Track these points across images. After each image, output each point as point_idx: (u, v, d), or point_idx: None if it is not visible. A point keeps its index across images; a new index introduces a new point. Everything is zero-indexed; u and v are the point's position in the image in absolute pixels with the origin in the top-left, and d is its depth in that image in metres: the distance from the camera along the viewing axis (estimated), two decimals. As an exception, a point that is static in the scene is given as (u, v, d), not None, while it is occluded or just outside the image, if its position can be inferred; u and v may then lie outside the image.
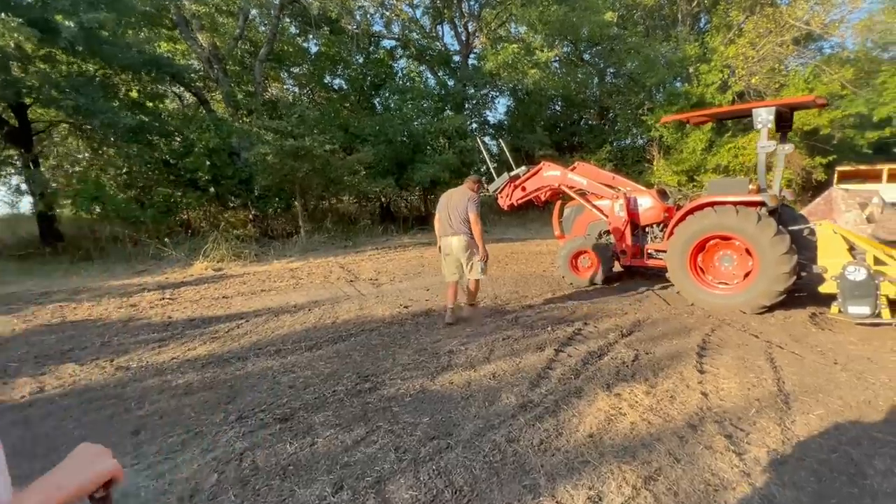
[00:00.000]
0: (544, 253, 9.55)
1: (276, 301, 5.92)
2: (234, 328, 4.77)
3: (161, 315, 5.37)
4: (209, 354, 4.00)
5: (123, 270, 8.83)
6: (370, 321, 4.88)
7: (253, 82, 13.02)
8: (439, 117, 14.68)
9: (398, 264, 8.59)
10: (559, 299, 5.64)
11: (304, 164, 9.90)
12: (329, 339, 4.31)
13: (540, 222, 16.05)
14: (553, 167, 6.74)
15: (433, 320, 4.88)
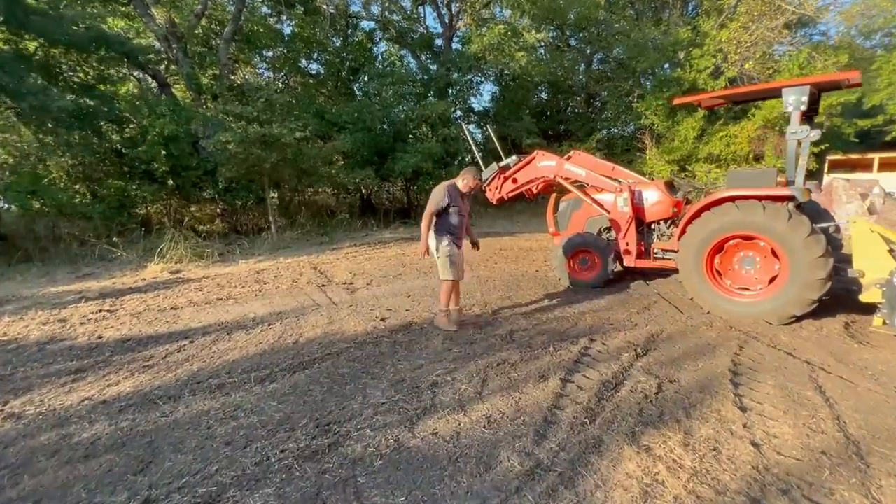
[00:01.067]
0: (535, 249, 8.90)
1: (232, 313, 5.12)
2: (175, 352, 3.97)
3: (90, 334, 4.52)
4: (133, 392, 3.21)
5: (67, 274, 7.84)
6: (340, 340, 4.14)
7: (217, 64, 11.92)
8: (421, 103, 13.82)
9: (377, 264, 7.83)
10: (557, 306, 4.98)
11: (273, 154, 8.98)
12: (287, 366, 3.55)
13: (528, 214, 15.44)
14: (547, 156, 6.04)
15: (414, 337, 4.16)
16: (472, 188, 4.28)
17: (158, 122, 8.72)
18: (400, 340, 4.08)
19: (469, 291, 5.69)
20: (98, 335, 4.49)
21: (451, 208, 4.17)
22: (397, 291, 5.84)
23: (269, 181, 10.04)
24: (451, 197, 4.15)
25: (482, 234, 11.48)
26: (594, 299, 5.23)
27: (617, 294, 5.43)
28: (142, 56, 11.11)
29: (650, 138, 15.33)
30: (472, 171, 4.30)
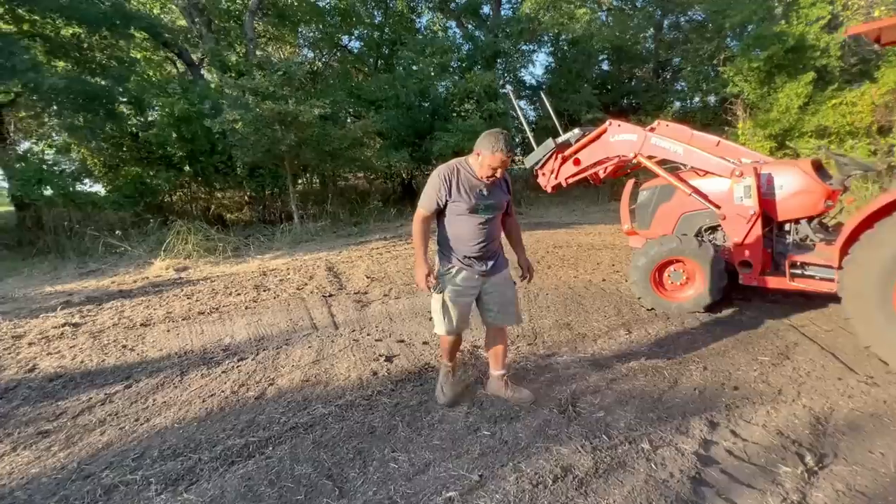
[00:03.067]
0: (599, 247, 7.20)
1: (205, 336, 4.02)
2: (97, 405, 2.88)
3: (24, 363, 3.57)
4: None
5: (74, 269, 7.25)
6: (320, 396, 2.86)
7: (244, 39, 11.01)
8: (466, 76, 12.22)
9: (402, 265, 6.53)
10: (642, 346, 3.41)
11: (290, 135, 7.87)
12: (221, 454, 2.31)
13: (586, 200, 13.55)
14: (626, 128, 4.36)
15: (427, 396, 2.80)
16: (495, 168, 2.30)
17: (168, 102, 7.87)
18: (405, 402, 2.73)
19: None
20: (31, 366, 3.52)
21: (452, 206, 2.39)
22: (418, 309, 4.49)
23: (289, 166, 9.00)
24: (451, 186, 2.35)
25: (531, 225, 9.87)
26: (697, 335, 3.60)
27: (730, 326, 3.75)
28: (167, 33, 10.38)
29: (742, 109, 12.74)
30: (494, 136, 2.30)
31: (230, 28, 11.38)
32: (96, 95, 7.92)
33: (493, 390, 2.76)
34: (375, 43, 15.48)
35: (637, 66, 17.97)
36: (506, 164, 2.33)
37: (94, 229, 8.12)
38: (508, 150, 2.30)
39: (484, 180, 2.37)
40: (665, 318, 3.96)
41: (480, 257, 2.48)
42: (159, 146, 8.52)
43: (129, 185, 8.61)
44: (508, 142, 2.31)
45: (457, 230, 2.44)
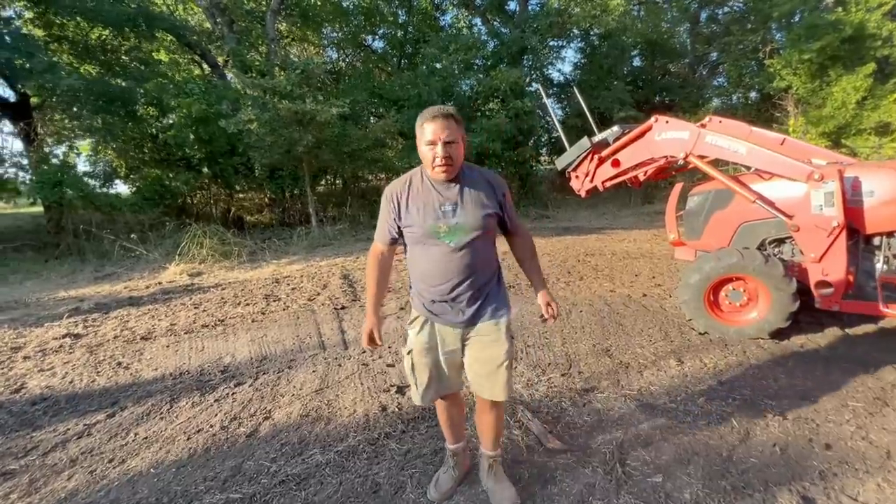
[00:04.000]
0: (636, 255, 6.60)
1: (206, 354, 3.70)
2: (73, 439, 2.57)
3: (12, 381, 3.32)
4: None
5: (90, 273, 7.16)
6: (316, 439, 2.46)
7: (265, 39, 10.85)
8: (491, 74, 11.73)
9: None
10: (698, 383, 2.87)
11: (308, 135, 7.59)
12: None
13: (617, 203, 12.85)
14: (676, 124, 3.81)
15: (441, 439, 2.37)
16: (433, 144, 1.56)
17: (184, 102, 7.71)
18: (416, 450, 2.30)
19: (547, 332, 3.75)
20: (20, 384, 3.27)
21: (407, 233, 1.70)
22: (437, 326, 4.05)
23: (308, 167, 8.74)
24: (400, 205, 1.68)
25: (560, 230, 9.32)
26: (765, 369, 3.03)
27: (805, 360, 3.16)
28: (190, 34, 10.32)
29: (793, 104, 11.78)
30: (433, 112, 1.59)
31: (252, 28, 11.27)
32: (116, 97, 7.87)
33: (481, 473, 2.04)
34: (399, 42, 15.19)
35: (672, 61, 17.04)
36: (445, 133, 1.54)
37: (113, 232, 8.05)
38: (441, 116, 1.55)
39: (437, 177, 1.61)
40: (722, 344, 3.40)
41: (454, 301, 1.69)
42: (178, 147, 8.42)
43: (149, 187, 8.54)
44: (444, 109, 1.59)
45: (417, 265, 1.72)
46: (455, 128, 1.58)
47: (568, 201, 13.21)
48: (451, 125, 1.57)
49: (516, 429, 2.43)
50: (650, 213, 11.12)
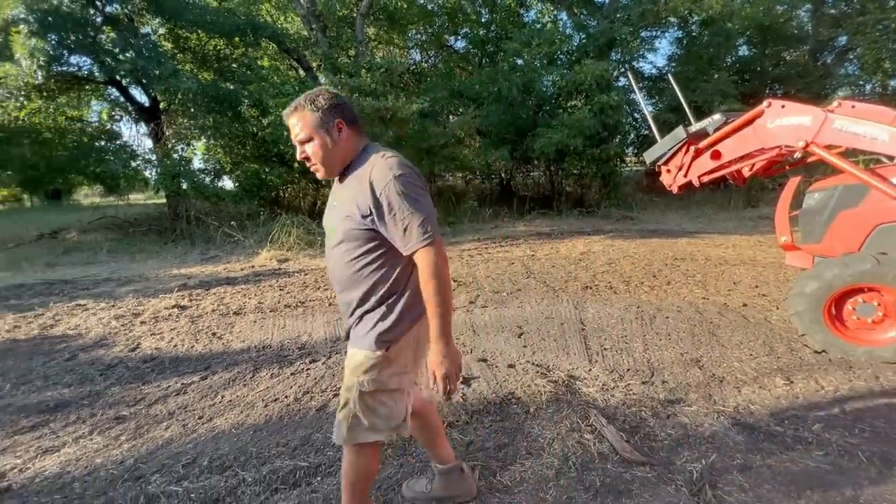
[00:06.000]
0: (733, 262, 5.90)
1: (287, 331, 3.95)
2: (173, 395, 2.85)
3: (130, 342, 3.81)
4: (57, 471, 2.09)
5: (197, 255, 8.06)
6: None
7: (354, 42, 11.44)
8: (575, 69, 11.26)
9: (495, 268, 6.01)
10: (812, 408, 2.45)
11: (389, 131, 7.85)
12: (278, 473, 2.03)
13: (713, 205, 11.68)
14: (794, 108, 3.29)
15: (508, 437, 2.27)
16: (294, 137, 1.40)
17: (282, 102, 8.38)
18: (480, 443, 2.22)
19: (627, 336, 3.47)
20: (136, 345, 3.74)
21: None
22: (507, 322, 3.94)
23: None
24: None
25: (643, 232, 8.65)
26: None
27: (960, 390, 2.56)
28: (288, 41, 11.21)
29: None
30: (289, 106, 1.40)
31: (343, 33, 11.95)
32: (224, 99, 8.80)
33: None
34: (480, 41, 15.17)
35: (788, 48, 15.06)
36: (295, 131, 1.37)
37: (218, 220, 8.99)
38: (290, 111, 1.38)
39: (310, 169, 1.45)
40: (844, 366, 2.88)
41: (342, 309, 1.50)
42: (274, 144, 9.20)
43: (249, 181, 9.44)
44: (297, 100, 1.39)
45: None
46: (308, 122, 1.34)
47: (655, 202, 12.26)
48: (304, 119, 1.35)
49: (588, 433, 2.25)
50: (754, 218, 9.92)
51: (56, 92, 9.15)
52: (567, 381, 2.81)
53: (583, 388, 2.72)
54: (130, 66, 7.40)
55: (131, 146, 10.59)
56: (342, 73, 10.21)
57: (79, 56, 8.32)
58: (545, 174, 13.92)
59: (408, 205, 1.25)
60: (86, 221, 11.20)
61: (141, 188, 15.52)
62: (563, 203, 12.00)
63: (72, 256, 8.29)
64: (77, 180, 14.10)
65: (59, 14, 6.91)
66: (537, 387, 2.74)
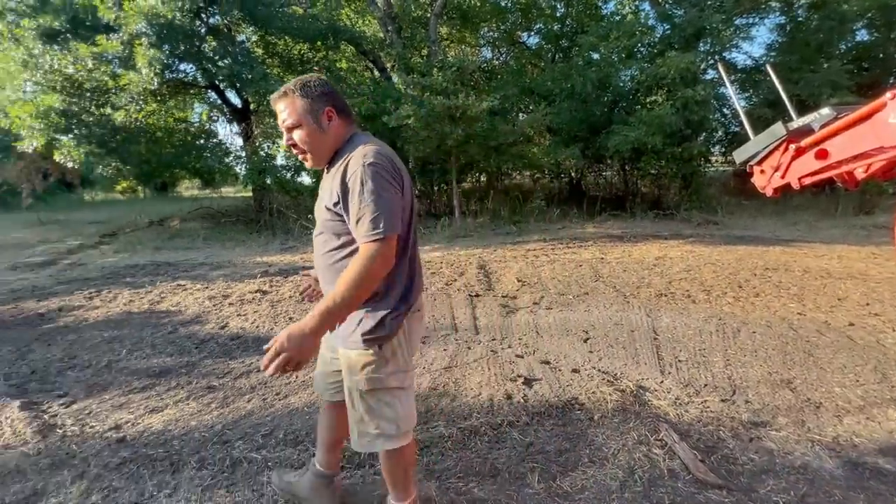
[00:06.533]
0: (839, 274, 5.23)
1: (355, 320, 4.15)
2: (256, 371, 3.12)
3: (221, 320, 4.21)
4: (160, 427, 2.38)
5: (278, 245, 8.71)
6: (446, 409, 2.53)
7: (427, 42, 11.67)
8: (657, 62, 10.59)
9: (561, 270, 5.85)
10: (937, 446, 2.11)
11: (458, 129, 7.93)
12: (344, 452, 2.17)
13: (814, 211, 10.44)
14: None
15: (570, 442, 2.21)
16: (280, 123, 1.40)
17: (357, 101, 8.80)
18: (539, 446, 2.19)
19: (706, 349, 3.22)
20: (224, 324, 4.13)
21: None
22: (572, 325, 3.82)
23: (456, 161, 9.13)
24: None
25: (730, 238, 7.95)
26: None
27: None
28: (365, 43, 11.71)
29: None
30: (277, 92, 1.39)
31: (416, 33, 12.24)
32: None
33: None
34: (554, 36, 14.76)
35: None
36: (282, 117, 1.35)
37: (296, 213, 9.65)
38: (278, 96, 1.36)
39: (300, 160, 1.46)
40: (982, 403, 2.45)
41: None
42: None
43: (324, 177, 10.04)
44: (286, 85, 1.38)
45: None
46: (296, 107, 1.32)
47: (744, 206, 11.18)
48: (288, 104, 1.33)
49: (657, 447, 2.13)
50: (867, 227, 8.71)
51: (167, 96, 10.35)
52: (636, 391, 2.67)
53: (653, 400, 2.57)
54: (228, 71, 8.21)
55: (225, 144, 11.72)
56: (415, 72, 10.48)
57: (186, 64, 9.35)
58: (619, 174, 13.25)
59: (368, 196, 1.22)
60: (186, 211, 12.57)
61: (232, 182, 17.07)
62: (637, 204, 11.36)
63: (174, 242, 9.34)
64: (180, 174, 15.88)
65: (173, 27, 7.82)
66: (603, 394, 2.64)
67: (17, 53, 8.60)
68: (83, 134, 8.52)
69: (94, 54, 8.08)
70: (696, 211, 10.59)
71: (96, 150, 8.66)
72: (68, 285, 5.77)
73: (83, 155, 8.69)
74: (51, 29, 8.53)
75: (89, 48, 8.05)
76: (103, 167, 9.96)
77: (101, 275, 6.41)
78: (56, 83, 8.35)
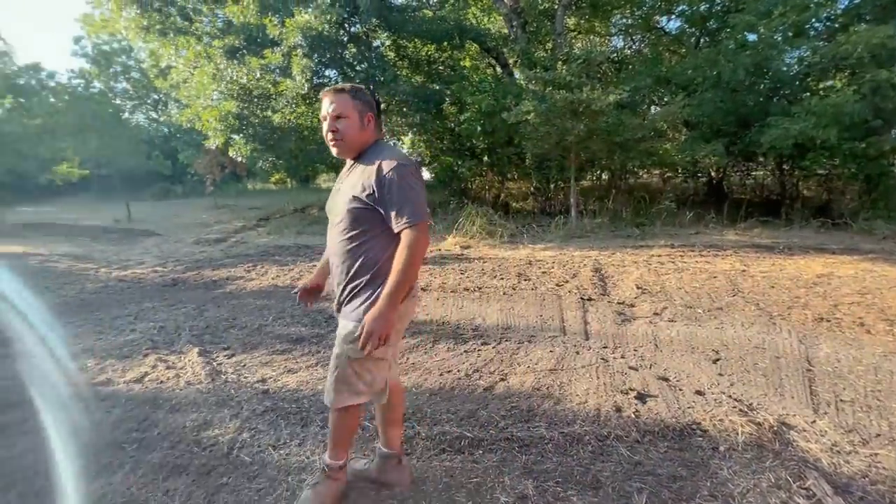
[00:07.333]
0: None
1: (464, 312, 4.27)
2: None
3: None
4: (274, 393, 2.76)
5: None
6: (549, 411, 2.47)
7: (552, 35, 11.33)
8: (837, 38, 8.75)
9: (690, 280, 5.24)
10: None
11: (580, 125, 7.55)
12: (446, 437, 2.27)
13: None
14: None
15: (685, 467, 2.00)
16: (323, 119, 1.66)
17: (477, 98, 8.93)
18: (649, 467, 2.01)
19: (882, 391, 2.63)
20: (349, 303, 4.59)
21: None
22: (699, 342, 3.41)
23: (575, 157, 8.73)
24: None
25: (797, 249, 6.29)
26: None
27: None
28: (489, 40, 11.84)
29: None
30: (328, 87, 1.66)
31: (542, 26, 11.95)
32: (429, 98, 9.89)
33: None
34: (701, 17, 13.11)
35: None
36: (332, 107, 1.59)
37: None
38: (332, 90, 1.61)
39: (333, 152, 1.65)
40: None
41: (336, 280, 1.69)
42: (467, 138, 9.90)
43: (443, 172, 10.46)
44: (339, 84, 1.67)
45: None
46: (346, 102, 1.59)
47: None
48: (342, 99, 1.59)
49: (800, 497, 1.80)
50: None
51: (312, 99, 11.79)
52: (777, 427, 2.29)
53: (799, 440, 2.18)
54: (364, 74, 9.03)
55: (357, 141, 12.87)
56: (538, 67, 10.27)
57: (330, 69, 10.53)
58: (773, 174, 11.34)
59: (405, 190, 1.48)
60: (322, 201, 14.20)
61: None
62: (796, 210, 9.59)
63: (313, 227, 10.63)
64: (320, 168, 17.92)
65: (322, 37, 8.86)
66: (732, 424, 2.32)
67: (208, 69, 10.60)
68: (250, 133, 10.17)
69: (262, 66, 9.56)
70: (883, 221, 8.56)
71: (259, 147, 10.26)
72: (233, 259, 6.97)
73: (249, 151, 10.37)
74: (233, 47, 10.30)
75: (258, 61, 9.55)
76: (263, 161, 11.75)
77: (257, 252, 7.61)
78: (234, 92, 10.08)
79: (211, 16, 12.98)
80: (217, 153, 17.10)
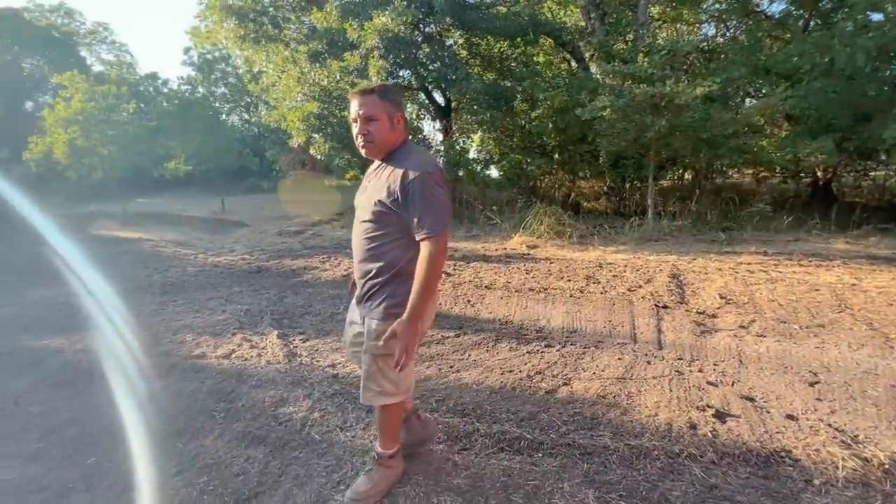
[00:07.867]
0: None
1: (528, 312, 4.20)
2: (435, 343, 3.48)
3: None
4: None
5: (463, 233, 9.39)
6: (614, 421, 2.37)
7: (633, 26, 10.66)
8: None
9: (784, 291, 4.70)
10: None
11: (661, 120, 7.04)
12: (505, 436, 2.26)
13: None
14: None
15: (770, 497, 1.81)
16: (353, 121, 1.68)
17: (550, 95, 8.67)
18: (727, 492, 1.85)
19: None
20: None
21: None
22: (794, 361, 3.06)
23: (654, 155, 8.17)
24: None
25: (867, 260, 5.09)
26: None
27: None
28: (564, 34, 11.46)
29: None
30: (359, 88, 1.72)
31: (622, 17, 11.30)
32: (501, 95, 9.79)
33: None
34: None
35: None
36: (363, 109, 1.60)
37: (482, 204, 10.22)
38: (362, 91, 1.62)
39: (362, 153, 1.69)
40: None
41: (357, 276, 1.75)
42: (538, 136, 9.66)
43: (511, 170, 10.32)
44: (370, 84, 1.80)
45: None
46: (376, 104, 1.59)
47: None
48: (372, 101, 1.59)
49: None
50: None
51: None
52: (888, 464, 2.00)
53: None
54: (437, 74, 9.17)
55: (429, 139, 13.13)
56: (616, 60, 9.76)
57: (405, 70, 10.82)
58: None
59: (427, 199, 1.50)
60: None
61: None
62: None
63: (383, 223, 10.99)
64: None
65: (397, 39, 9.13)
66: (831, 456, 2.06)
67: (294, 72, 11.38)
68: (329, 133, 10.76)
69: (341, 68, 10.07)
70: None
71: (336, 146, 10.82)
72: (310, 250, 7.45)
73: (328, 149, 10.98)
74: (316, 51, 10.96)
75: (338, 64, 10.07)
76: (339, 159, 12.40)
77: (331, 244, 8.06)
78: (315, 93, 10.73)
79: (297, 23, 13.91)
80: (299, 151, 18.33)
